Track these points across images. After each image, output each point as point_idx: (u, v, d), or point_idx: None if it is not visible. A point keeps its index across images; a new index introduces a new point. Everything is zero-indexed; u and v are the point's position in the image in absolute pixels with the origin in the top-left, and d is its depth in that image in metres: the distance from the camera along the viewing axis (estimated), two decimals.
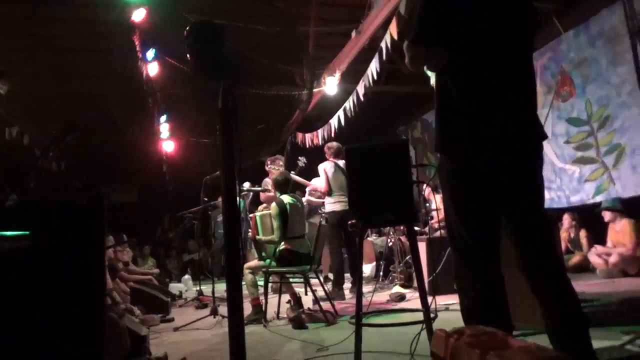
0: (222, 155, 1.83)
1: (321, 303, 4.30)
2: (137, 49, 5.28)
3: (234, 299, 1.84)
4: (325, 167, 5.67)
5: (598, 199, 5.88)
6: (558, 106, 6.53)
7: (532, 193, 1.83)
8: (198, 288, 6.41)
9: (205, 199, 6.34)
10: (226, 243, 1.86)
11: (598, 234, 5.94)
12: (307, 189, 6.29)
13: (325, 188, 5.65)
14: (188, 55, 1.94)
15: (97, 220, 1.32)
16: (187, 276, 8.06)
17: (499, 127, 1.77)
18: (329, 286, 5.50)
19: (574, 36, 6.21)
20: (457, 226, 1.83)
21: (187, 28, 1.94)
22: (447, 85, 1.85)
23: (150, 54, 5.36)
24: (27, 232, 1.08)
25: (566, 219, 6.22)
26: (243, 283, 4.42)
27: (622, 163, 5.58)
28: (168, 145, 8.73)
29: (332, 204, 5.64)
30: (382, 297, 5.19)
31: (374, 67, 5.77)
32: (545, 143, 1.91)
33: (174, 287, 7.14)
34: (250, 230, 5.77)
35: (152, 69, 5.72)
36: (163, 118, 7.56)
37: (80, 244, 1.22)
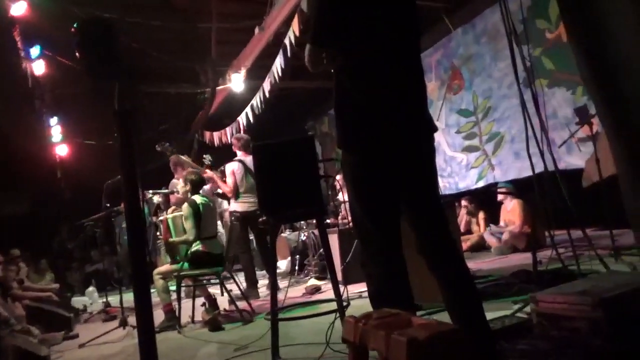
0: (122, 158, 1.75)
1: (237, 303, 4.27)
2: (19, 45, 4.84)
3: (142, 306, 1.77)
4: (234, 168, 5.50)
5: (480, 184, 6.44)
6: (450, 99, 7.03)
7: (427, 181, 1.97)
8: (104, 300, 6.05)
9: (108, 205, 5.98)
10: (131, 249, 1.79)
11: (494, 215, 6.49)
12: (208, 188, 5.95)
13: (232, 191, 5.45)
14: (76, 54, 1.81)
15: None
16: (91, 288, 7.56)
17: (394, 121, 1.88)
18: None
19: (462, 34, 6.72)
20: (360, 216, 1.92)
21: (74, 25, 1.81)
22: (344, 83, 1.93)
23: (35, 51, 4.96)
24: None
25: (465, 202, 6.72)
26: (154, 290, 4.26)
27: (502, 150, 6.16)
28: (61, 149, 8.11)
29: (237, 204, 5.50)
30: (298, 291, 5.26)
31: (278, 63, 5.80)
32: (438, 133, 2.08)
33: (78, 301, 6.67)
34: (158, 235, 5.55)
35: (38, 68, 5.30)
36: (54, 120, 7.02)
37: None
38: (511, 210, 5.98)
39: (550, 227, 3.51)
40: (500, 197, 6.08)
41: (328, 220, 6.38)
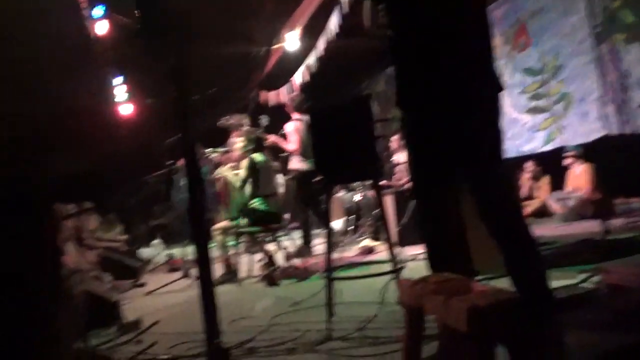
0: (178, 116, 1.78)
1: (293, 260, 4.37)
2: (83, 6, 4.97)
3: (202, 260, 1.85)
4: (297, 126, 5.50)
5: (548, 147, 6.09)
6: (514, 57, 6.61)
7: (484, 147, 1.86)
8: (168, 252, 6.40)
9: (168, 162, 6.21)
10: (190, 206, 1.85)
11: (559, 181, 6.17)
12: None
13: (297, 148, 5.47)
14: (136, 12, 1.83)
15: (43, 205, 1.26)
16: (156, 241, 8.00)
17: (447, 79, 1.79)
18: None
19: None
20: (415, 176, 1.88)
21: None
22: (396, 39, 1.86)
23: (99, 11, 5.08)
24: None
25: (529, 166, 6.41)
26: (214, 244, 4.44)
27: (571, 111, 5.77)
28: (125, 108, 8.39)
29: (298, 162, 5.55)
30: (352, 251, 5.32)
31: (334, 21, 5.65)
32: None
33: (144, 253, 7.09)
34: (218, 191, 5.71)
35: (101, 28, 5.42)
36: (117, 80, 7.23)
37: (25, 226, 1.16)
38: (579, 175, 5.66)
39: (622, 194, 3.28)
40: (567, 161, 5.76)
41: (383, 182, 6.33)
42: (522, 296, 1.34)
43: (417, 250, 4.37)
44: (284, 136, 5.59)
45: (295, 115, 5.59)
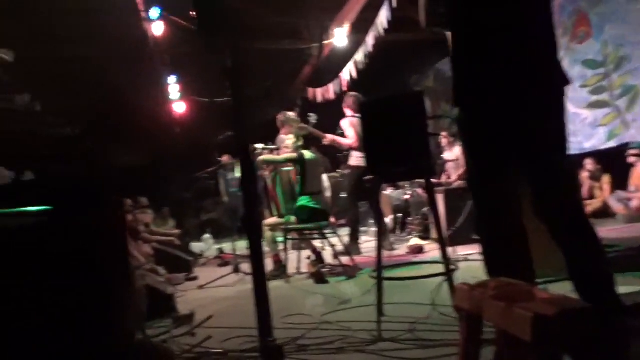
0: (234, 114, 1.81)
1: (340, 257, 4.37)
2: (140, 8, 5.17)
3: (256, 256, 1.87)
4: (353, 121, 5.46)
5: (611, 144, 5.76)
6: (574, 49, 6.29)
7: (548, 140, 1.78)
8: (218, 246, 6.56)
9: (219, 159, 6.36)
10: (244, 202, 1.88)
11: (621, 180, 5.84)
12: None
13: (355, 141, 5.40)
14: (193, 11, 1.86)
15: (114, 197, 1.31)
16: (207, 235, 8.22)
17: (510, 75, 1.72)
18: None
19: None
20: (476, 177, 1.82)
21: None
22: (457, 36, 1.81)
23: (155, 12, 5.27)
24: (49, 208, 1.06)
25: (589, 164, 6.10)
26: (263, 240, 4.51)
27: (636, 106, 5.42)
28: (178, 106, 8.69)
29: (359, 158, 5.52)
30: (400, 249, 5.25)
31: (383, 15, 5.56)
32: None
33: (195, 247, 7.30)
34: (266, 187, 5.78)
35: (157, 29, 5.63)
36: (172, 79, 7.50)
37: (100, 217, 1.21)
38: None
39: None
40: (631, 159, 5.43)
41: (434, 180, 6.21)
42: (587, 302, 1.26)
43: (468, 250, 4.28)
44: (341, 135, 5.60)
45: (349, 112, 5.58)
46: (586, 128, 6.04)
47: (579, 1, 6.09)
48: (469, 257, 4.16)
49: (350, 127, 5.48)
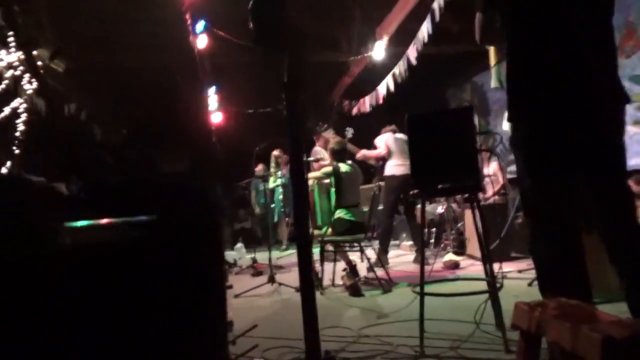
0: (290, 127, 1.82)
1: (373, 270, 4.34)
2: (188, 21, 5.33)
3: (305, 268, 1.88)
4: (386, 138, 5.65)
5: None
6: (621, 63, 6.08)
7: (609, 158, 1.74)
8: (251, 256, 6.61)
9: (254, 169, 6.47)
10: (295, 214, 1.89)
11: None
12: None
13: (385, 151, 5.55)
14: (250, 24, 1.90)
15: (211, 205, 1.32)
16: (239, 244, 8.29)
17: (571, 91, 1.70)
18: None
19: None
20: (532, 194, 1.79)
21: None
22: (517, 51, 1.79)
23: (200, 26, 5.43)
24: (154, 218, 1.07)
25: (631, 184, 5.90)
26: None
27: None
28: (217, 116, 8.89)
29: (392, 167, 5.54)
30: (434, 264, 5.17)
31: (425, 28, 5.55)
32: None
33: (228, 255, 7.37)
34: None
35: (201, 42, 5.80)
36: (212, 90, 7.68)
37: (201, 229, 1.21)
38: None
39: None
40: None
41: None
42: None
43: (505, 268, 4.18)
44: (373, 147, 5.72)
45: (386, 128, 5.69)
46: (633, 145, 5.85)
47: (627, 15, 5.93)
48: (507, 275, 4.07)
49: (381, 141, 5.63)
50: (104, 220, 1.04)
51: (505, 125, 4.63)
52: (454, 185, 2.40)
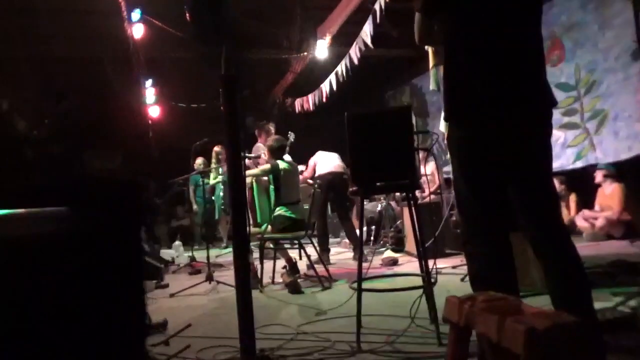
0: (226, 123, 1.79)
1: (313, 268, 4.36)
2: (123, 9, 5.10)
3: (241, 265, 1.85)
4: (315, 157, 5.98)
5: (578, 164, 6.00)
6: (548, 71, 6.50)
7: (538, 160, 1.84)
8: (189, 254, 6.44)
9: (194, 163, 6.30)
10: (233, 211, 1.86)
11: (586, 199, 6.06)
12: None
13: (310, 174, 5.91)
14: (188, 19, 1.85)
15: (135, 199, 1.25)
16: (177, 242, 8.04)
17: (506, 94, 1.78)
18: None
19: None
20: (465, 193, 1.85)
21: None
22: (455, 54, 1.85)
23: (136, 15, 5.21)
24: (68, 209, 0.99)
25: (555, 183, 6.31)
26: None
27: (604, 128, 5.66)
28: (153, 111, 8.60)
29: (326, 167, 5.71)
30: (373, 261, 5.27)
31: (367, 29, 5.65)
32: None
33: (165, 254, 7.14)
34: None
35: (137, 31, 5.57)
36: (148, 83, 7.42)
37: (119, 223, 1.15)
38: (610, 194, 5.55)
39: None
40: (598, 179, 5.65)
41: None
42: (580, 320, 1.30)
43: (441, 264, 4.35)
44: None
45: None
46: (556, 148, 6.25)
47: (553, 26, 6.33)
48: (441, 271, 4.22)
49: (311, 160, 5.98)
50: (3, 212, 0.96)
51: (442, 127, 4.80)
52: (391, 183, 2.45)
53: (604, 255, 4.21)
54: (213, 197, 8.15)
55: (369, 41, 5.74)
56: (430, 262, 2.70)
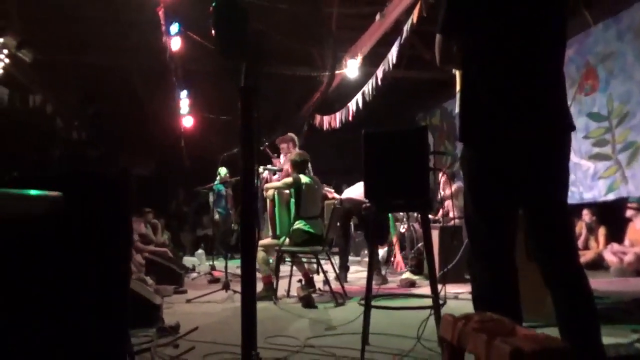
0: (242, 133, 1.85)
1: (331, 284, 4.36)
2: (162, 22, 5.32)
3: (248, 275, 1.89)
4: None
5: (610, 197, 5.82)
6: (580, 100, 6.41)
7: (553, 184, 1.80)
8: (211, 263, 6.54)
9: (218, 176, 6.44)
10: (242, 221, 1.90)
11: (616, 233, 5.87)
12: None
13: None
14: (212, 33, 1.93)
15: (124, 192, 1.32)
16: (200, 251, 8.19)
17: (522, 117, 1.76)
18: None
19: (603, 29, 6.07)
20: (473, 214, 1.85)
21: (212, 5, 1.93)
22: (471, 74, 1.85)
23: (174, 28, 5.42)
24: (61, 194, 1.06)
25: (586, 215, 6.15)
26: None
27: (637, 162, 5.50)
28: (187, 121, 8.85)
29: (349, 190, 5.75)
30: (392, 283, 5.26)
31: (394, 51, 5.71)
32: None
33: (188, 261, 7.28)
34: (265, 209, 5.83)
35: (175, 44, 5.78)
36: (183, 94, 7.66)
37: (109, 214, 1.22)
38: None
39: None
40: (629, 213, 5.47)
41: (430, 216, 6.25)
42: (573, 347, 1.28)
43: (461, 289, 4.29)
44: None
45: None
46: (587, 179, 6.11)
47: (588, 55, 6.24)
48: (459, 296, 4.17)
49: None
50: None
51: None
52: (404, 201, 2.47)
53: (630, 291, 4.07)
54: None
55: (394, 62, 5.79)
56: (447, 287, 2.67)
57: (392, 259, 6.69)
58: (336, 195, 5.95)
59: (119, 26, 6.61)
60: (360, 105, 7.28)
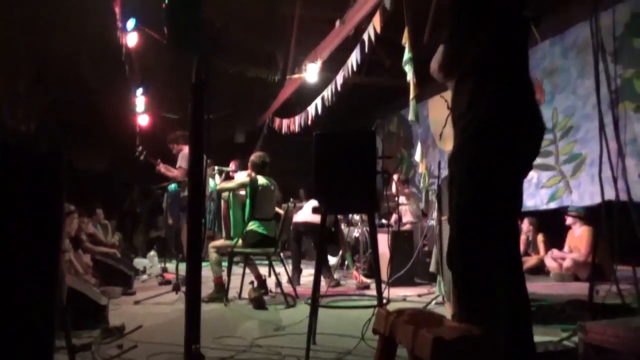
0: (191, 129, 1.85)
1: (283, 286, 4.38)
2: (117, 16, 5.19)
3: (193, 274, 1.88)
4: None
5: (552, 205, 6.12)
6: None
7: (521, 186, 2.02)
8: (163, 265, 6.42)
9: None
10: (189, 219, 1.89)
11: (554, 239, 6.18)
12: None
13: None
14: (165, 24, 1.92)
15: (54, 171, 1.30)
16: (152, 252, 8.01)
17: (527, 125, 1.90)
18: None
19: (549, 45, 6.40)
20: (485, 213, 1.84)
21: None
22: (491, 82, 1.89)
23: (131, 23, 5.31)
24: None
25: (525, 223, 6.44)
26: (207, 261, 4.49)
27: (582, 173, 5.81)
28: (142, 119, 8.61)
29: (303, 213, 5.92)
30: (346, 286, 5.34)
31: (354, 57, 5.81)
32: None
33: (139, 263, 7.11)
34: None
35: (131, 40, 5.66)
36: (139, 91, 7.46)
37: (35, 195, 1.20)
38: (579, 236, 5.66)
39: (615, 260, 3.28)
40: (569, 221, 5.77)
41: (384, 220, 6.38)
42: (494, 335, 1.36)
43: (408, 292, 4.41)
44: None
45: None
46: (530, 188, 6.40)
47: (534, 70, 6.54)
48: (407, 298, 4.28)
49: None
50: None
51: (417, 156, 4.95)
52: (352, 203, 2.53)
53: (566, 294, 4.28)
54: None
55: (354, 69, 5.89)
56: (400, 290, 2.75)
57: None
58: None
59: (74, 12, 6.35)
60: (319, 110, 7.35)
